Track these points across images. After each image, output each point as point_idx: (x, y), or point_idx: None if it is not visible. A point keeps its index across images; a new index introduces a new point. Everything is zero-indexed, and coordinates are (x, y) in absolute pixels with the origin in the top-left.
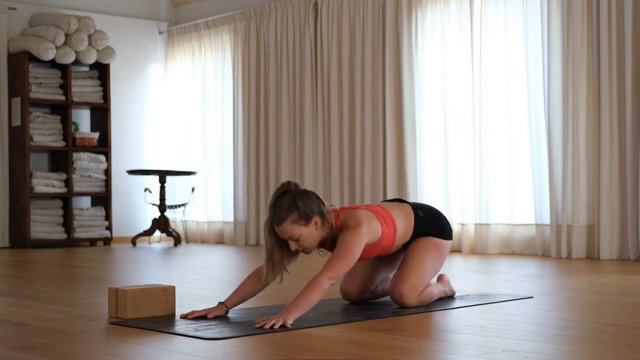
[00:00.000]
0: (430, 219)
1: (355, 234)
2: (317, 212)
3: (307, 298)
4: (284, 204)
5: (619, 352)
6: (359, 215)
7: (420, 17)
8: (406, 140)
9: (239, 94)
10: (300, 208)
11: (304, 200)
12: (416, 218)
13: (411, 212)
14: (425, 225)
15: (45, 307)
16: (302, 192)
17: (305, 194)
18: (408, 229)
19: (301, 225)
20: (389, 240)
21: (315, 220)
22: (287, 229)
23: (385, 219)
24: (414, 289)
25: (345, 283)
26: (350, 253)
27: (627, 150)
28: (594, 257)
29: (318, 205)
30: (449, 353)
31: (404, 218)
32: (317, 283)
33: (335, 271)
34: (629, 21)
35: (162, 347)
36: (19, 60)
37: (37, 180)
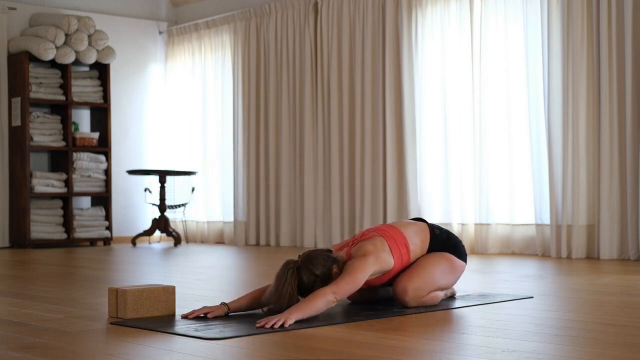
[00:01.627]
0: (446, 239)
1: (361, 262)
2: (332, 265)
3: (310, 303)
4: (305, 278)
5: (619, 352)
6: (366, 247)
7: (420, 17)
8: (406, 140)
9: (239, 94)
10: (319, 272)
11: (317, 265)
12: (432, 234)
13: (427, 228)
14: (441, 243)
15: (45, 307)
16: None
17: (313, 258)
18: (423, 245)
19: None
20: (405, 261)
21: (335, 270)
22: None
23: (397, 243)
24: (418, 290)
25: None
26: (354, 277)
27: (627, 150)
28: (594, 257)
29: (327, 257)
30: (449, 353)
31: (419, 234)
32: (321, 292)
33: (338, 287)
34: (629, 21)
35: (162, 347)
36: (19, 60)
37: (37, 180)
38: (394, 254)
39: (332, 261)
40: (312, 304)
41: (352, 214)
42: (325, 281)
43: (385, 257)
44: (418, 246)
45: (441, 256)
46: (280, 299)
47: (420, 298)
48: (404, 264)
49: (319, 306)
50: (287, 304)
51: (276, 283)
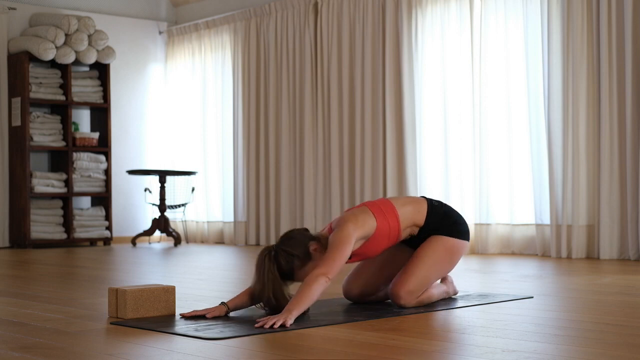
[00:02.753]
0: (443, 213)
1: (341, 232)
2: (309, 242)
3: (305, 294)
4: (282, 262)
5: (619, 352)
6: (345, 217)
7: (420, 17)
8: (406, 140)
9: (239, 94)
10: (296, 252)
11: (292, 245)
12: (430, 206)
13: (424, 200)
14: (439, 217)
15: (45, 307)
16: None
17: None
18: (418, 215)
19: (308, 262)
20: (393, 229)
21: (314, 247)
22: (301, 275)
23: (383, 210)
24: (411, 294)
25: (348, 281)
26: (339, 251)
27: (627, 150)
28: (594, 257)
29: (304, 236)
30: (449, 353)
31: (411, 203)
32: (312, 279)
33: (326, 266)
34: (629, 21)
35: (162, 347)
36: (19, 60)
37: (37, 180)
38: (377, 216)
39: (308, 238)
40: (308, 294)
41: None
42: (305, 260)
43: (365, 219)
44: (410, 214)
45: (439, 246)
46: (264, 288)
47: (415, 299)
48: (393, 230)
49: (315, 293)
50: (272, 291)
51: (256, 272)
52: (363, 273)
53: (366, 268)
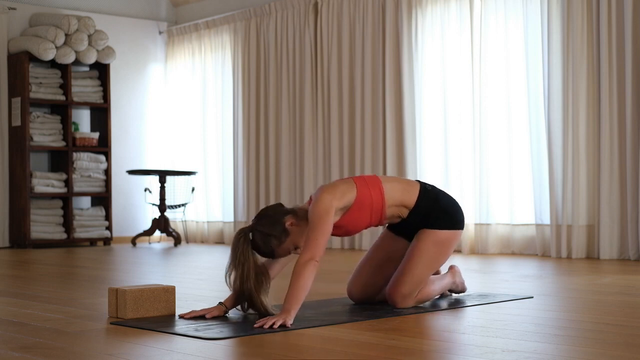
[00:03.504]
0: (435, 199)
1: (318, 207)
2: (284, 217)
3: (298, 287)
4: (260, 243)
5: (619, 352)
6: (323, 188)
7: (420, 17)
8: (406, 140)
9: (239, 94)
10: (272, 232)
11: (266, 224)
12: (423, 190)
13: (416, 183)
14: (432, 202)
15: (45, 307)
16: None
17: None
18: (407, 194)
19: (285, 238)
20: (376, 203)
21: (290, 222)
22: (280, 252)
23: (367, 182)
24: (407, 297)
25: (350, 282)
26: (320, 228)
27: (627, 150)
28: (594, 257)
29: (278, 212)
30: (449, 353)
31: (401, 182)
32: (300, 268)
33: (311, 249)
34: (629, 21)
35: (162, 347)
36: (19, 60)
37: (37, 180)
38: (359, 186)
39: (283, 214)
40: (302, 286)
41: None
42: (282, 237)
43: (345, 189)
44: (397, 192)
45: (426, 245)
46: (243, 273)
47: (413, 300)
48: (376, 204)
49: (308, 282)
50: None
51: (232, 256)
52: (363, 274)
53: (365, 268)
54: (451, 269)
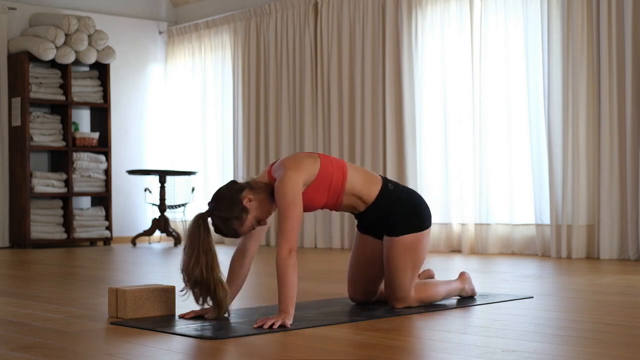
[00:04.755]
0: (397, 201)
1: (285, 187)
2: (240, 196)
3: (288, 285)
4: (222, 228)
5: (619, 352)
6: (282, 163)
7: (420, 17)
8: (406, 140)
9: (239, 94)
10: (231, 214)
11: (224, 206)
12: (384, 188)
13: (379, 180)
14: (392, 204)
15: (45, 307)
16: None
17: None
18: (367, 189)
19: (246, 216)
20: (336, 183)
21: (247, 198)
22: (244, 230)
23: (331, 161)
24: (404, 300)
25: (351, 290)
26: (291, 211)
27: (627, 151)
28: (594, 257)
29: (233, 190)
30: (449, 353)
31: (365, 174)
32: (284, 263)
33: (288, 240)
34: (629, 21)
35: (162, 347)
36: (19, 60)
37: (37, 180)
38: (322, 161)
39: (238, 191)
40: (291, 282)
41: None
42: (242, 216)
43: (308, 162)
44: (359, 183)
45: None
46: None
47: (414, 299)
48: (335, 183)
49: (295, 277)
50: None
51: (192, 245)
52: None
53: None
54: (461, 275)
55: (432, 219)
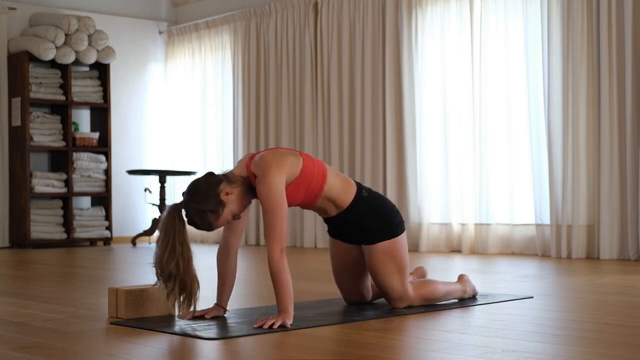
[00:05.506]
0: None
1: (270, 186)
2: (217, 189)
3: (284, 285)
4: (196, 220)
5: (619, 352)
6: (265, 160)
7: (420, 17)
8: (406, 140)
9: (239, 94)
10: (207, 207)
11: (200, 199)
12: (358, 195)
13: (354, 186)
14: (364, 210)
15: (45, 307)
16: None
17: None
18: (342, 195)
19: (222, 210)
20: (315, 183)
21: (225, 192)
22: (220, 223)
23: (312, 160)
24: (401, 299)
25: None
26: (278, 211)
27: (627, 151)
28: (594, 257)
29: (210, 183)
30: (449, 353)
31: (342, 180)
32: (277, 265)
33: (279, 240)
34: (629, 21)
35: (162, 347)
36: (19, 60)
37: (37, 180)
38: (305, 159)
39: (216, 185)
40: (287, 282)
41: None
42: (218, 210)
43: (291, 161)
44: (336, 188)
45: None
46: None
47: (416, 298)
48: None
49: (289, 276)
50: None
51: (165, 235)
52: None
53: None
54: (460, 278)
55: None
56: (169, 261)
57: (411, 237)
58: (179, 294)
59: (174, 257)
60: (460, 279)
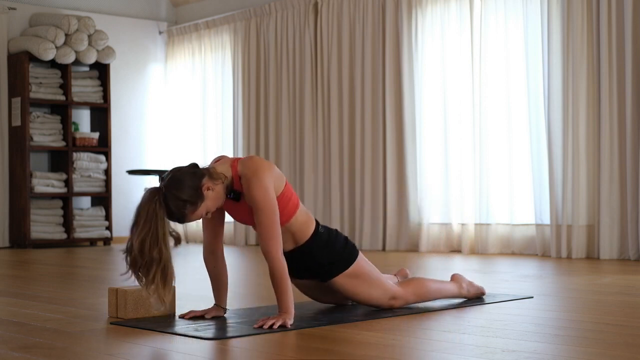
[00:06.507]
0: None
1: (263, 186)
2: (200, 182)
3: (287, 286)
4: (172, 208)
5: (619, 352)
6: (254, 161)
7: (420, 17)
8: (406, 140)
9: (239, 94)
10: (188, 198)
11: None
12: (316, 232)
13: (314, 222)
14: (320, 248)
15: (45, 307)
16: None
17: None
18: (305, 229)
19: (201, 204)
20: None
21: (206, 186)
22: (193, 218)
23: (291, 188)
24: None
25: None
26: (272, 208)
27: (627, 151)
28: (594, 257)
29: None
30: (449, 353)
31: (306, 217)
32: (280, 267)
33: (277, 240)
34: (629, 21)
35: (162, 347)
36: (19, 60)
37: (37, 180)
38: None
39: (199, 177)
40: (287, 283)
41: (352, 214)
42: (197, 203)
43: (278, 173)
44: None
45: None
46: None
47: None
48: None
49: (286, 275)
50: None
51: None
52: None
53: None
54: (452, 277)
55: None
56: (152, 247)
57: (411, 237)
58: (161, 280)
59: (157, 243)
60: (453, 278)
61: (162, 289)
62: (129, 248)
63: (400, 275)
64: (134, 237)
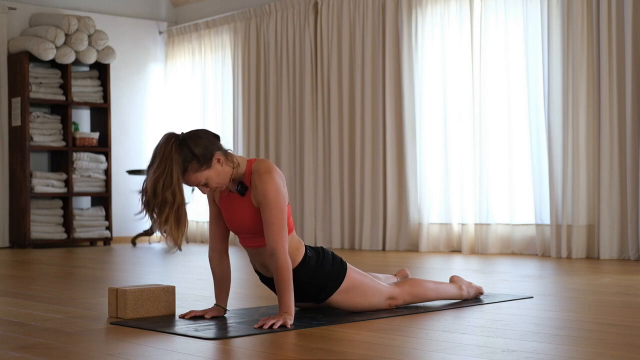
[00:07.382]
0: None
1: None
2: (215, 147)
3: (290, 286)
4: (180, 158)
5: (619, 352)
6: (270, 163)
7: (420, 17)
8: (406, 140)
9: (239, 94)
10: (199, 154)
11: (199, 145)
12: (305, 256)
13: (304, 247)
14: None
15: (45, 307)
16: (193, 135)
17: (196, 136)
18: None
19: (206, 169)
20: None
21: (217, 157)
22: (192, 179)
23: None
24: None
25: None
26: (283, 206)
27: (627, 151)
28: (594, 257)
29: (213, 141)
30: (449, 353)
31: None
32: (286, 267)
33: (285, 239)
34: (629, 21)
35: (162, 347)
36: (19, 60)
37: (37, 180)
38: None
39: (217, 147)
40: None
41: (352, 214)
42: (203, 166)
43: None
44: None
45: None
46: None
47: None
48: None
49: (290, 278)
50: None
51: (163, 159)
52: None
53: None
54: (451, 279)
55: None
56: (166, 188)
57: (411, 237)
58: (174, 222)
59: (171, 184)
60: (451, 279)
61: (176, 230)
62: (144, 188)
63: (400, 276)
64: (149, 177)
